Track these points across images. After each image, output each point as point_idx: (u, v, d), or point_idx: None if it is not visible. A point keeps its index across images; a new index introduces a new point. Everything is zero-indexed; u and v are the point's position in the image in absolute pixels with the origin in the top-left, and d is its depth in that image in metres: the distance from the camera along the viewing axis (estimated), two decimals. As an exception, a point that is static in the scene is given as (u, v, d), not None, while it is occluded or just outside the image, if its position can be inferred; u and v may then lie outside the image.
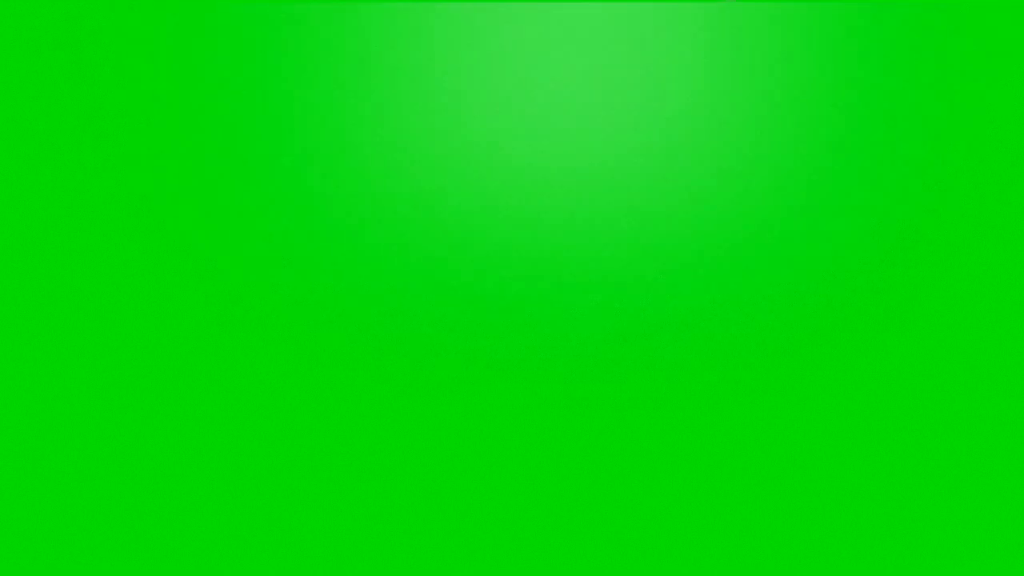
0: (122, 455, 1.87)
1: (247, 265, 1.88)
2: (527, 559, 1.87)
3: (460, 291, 1.88)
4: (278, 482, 1.87)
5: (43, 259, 1.88)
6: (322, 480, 1.87)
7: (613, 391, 1.87)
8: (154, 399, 1.87)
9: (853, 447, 1.86)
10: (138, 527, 1.87)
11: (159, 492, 1.87)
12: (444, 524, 1.87)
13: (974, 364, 1.87)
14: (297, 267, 1.88)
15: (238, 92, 1.89)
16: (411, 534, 1.87)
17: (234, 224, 1.88)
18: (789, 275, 1.87)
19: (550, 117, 1.89)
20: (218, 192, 1.88)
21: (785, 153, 1.88)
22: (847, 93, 1.88)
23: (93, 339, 1.87)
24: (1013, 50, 1.88)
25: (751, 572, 1.86)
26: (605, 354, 1.87)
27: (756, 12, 1.89)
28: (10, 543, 1.87)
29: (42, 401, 1.87)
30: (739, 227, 1.88)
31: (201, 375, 1.87)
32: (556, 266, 1.88)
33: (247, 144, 1.89)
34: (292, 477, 1.87)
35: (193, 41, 1.89)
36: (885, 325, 1.87)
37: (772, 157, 1.88)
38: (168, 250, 1.88)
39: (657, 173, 1.88)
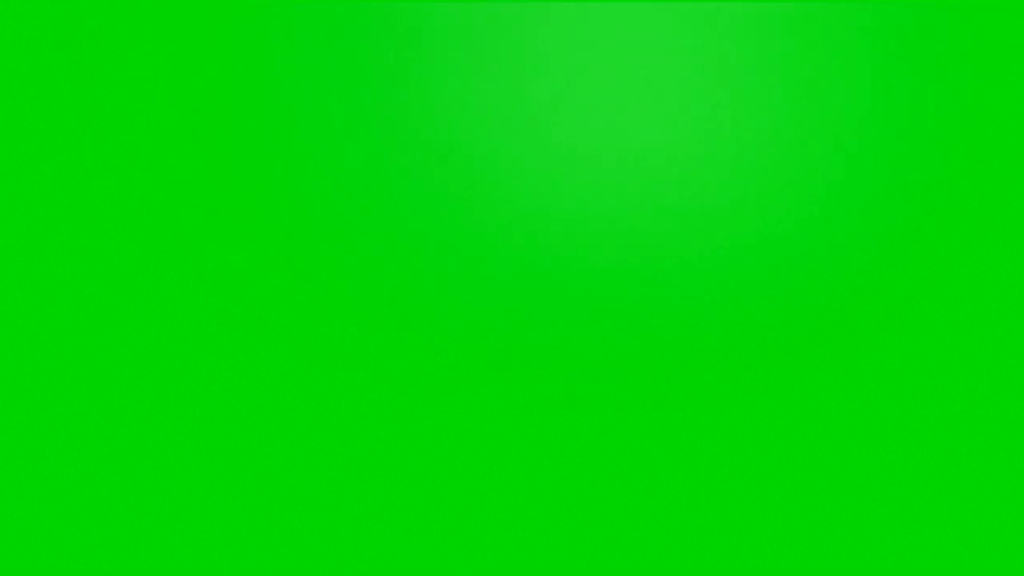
0: (122, 455, 1.87)
1: (246, 268, 1.88)
2: (528, 557, 1.87)
3: (461, 290, 1.88)
4: (281, 481, 1.87)
5: (46, 258, 1.88)
6: (324, 478, 1.87)
7: (615, 390, 1.87)
8: (169, 397, 1.88)
9: (853, 446, 1.87)
10: (138, 527, 1.87)
11: (159, 492, 1.87)
12: (444, 523, 1.87)
13: (973, 362, 1.87)
14: (295, 263, 1.88)
15: (248, 92, 1.89)
16: (411, 534, 1.87)
17: (236, 225, 1.88)
18: (792, 274, 1.88)
19: (551, 118, 1.89)
20: (232, 193, 1.89)
21: (789, 155, 1.88)
22: (853, 95, 1.89)
23: (127, 331, 1.88)
24: (1013, 51, 1.89)
25: (751, 572, 1.86)
26: (608, 353, 1.88)
27: (761, 14, 1.89)
28: (10, 543, 1.87)
29: (42, 401, 1.87)
30: (741, 227, 1.88)
31: (236, 368, 1.88)
32: (559, 266, 1.88)
33: (247, 142, 1.89)
34: (295, 474, 1.87)
35: (250, 41, 1.89)
36: (885, 325, 1.87)
37: (776, 159, 1.88)
38: (209, 248, 1.88)
39: (661, 174, 1.88)
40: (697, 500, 1.87)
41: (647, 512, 1.87)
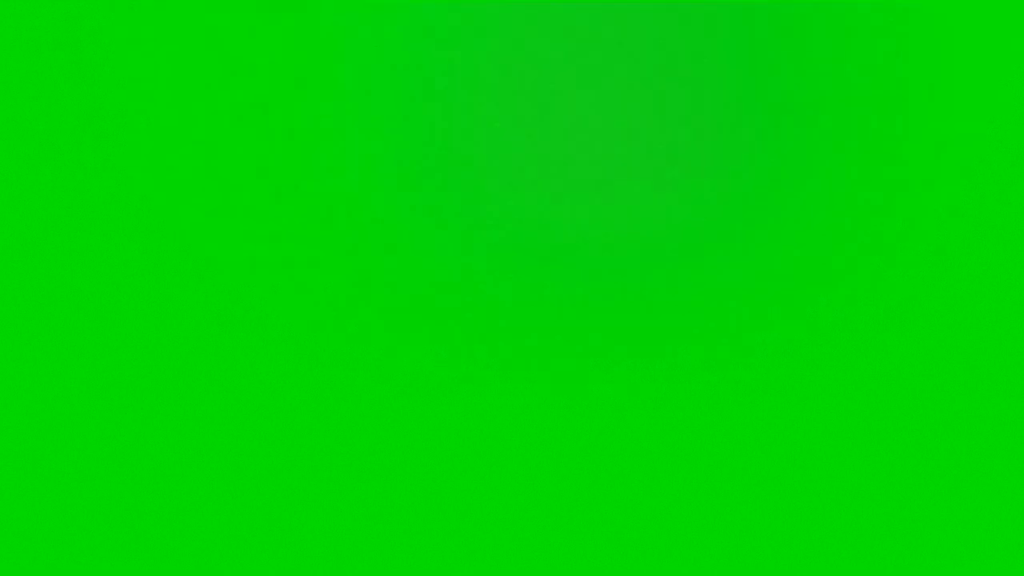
0: (122, 455, 1.87)
1: (250, 266, 1.89)
2: (528, 557, 1.87)
3: (458, 287, 1.88)
4: (280, 479, 1.87)
5: (48, 258, 1.89)
6: (323, 479, 1.87)
7: (611, 391, 1.87)
8: (169, 397, 1.88)
9: (850, 446, 1.86)
10: (138, 527, 1.87)
11: (159, 492, 1.87)
12: (444, 524, 1.87)
13: (955, 357, 1.87)
14: (293, 262, 1.89)
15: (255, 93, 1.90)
16: (411, 534, 1.87)
17: (238, 225, 1.89)
18: (783, 273, 1.88)
19: (548, 117, 1.89)
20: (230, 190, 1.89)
21: (779, 152, 1.88)
22: (839, 93, 1.89)
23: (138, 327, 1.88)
24: (995, 52, 1.89)
25: (751, 571, 1.86)
26: (603, 354, 1.88)
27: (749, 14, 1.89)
28: (10, 543, 1.87)
29: (42, 401, 1.87)
30: (734, 225, 1.88)
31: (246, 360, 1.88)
32: (554, 265, 1.89)
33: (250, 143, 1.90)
34: (295, 474, 1.87)
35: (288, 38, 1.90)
36: (880, 324, 1.87)
37: (766, 156, 1.88)
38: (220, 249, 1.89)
39: (649, 172, 1.89)
40: (695, 498, 1.86)
41: (645, 509, 1.87)
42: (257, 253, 1.88)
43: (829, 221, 1.88)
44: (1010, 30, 1.88)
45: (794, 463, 1.86)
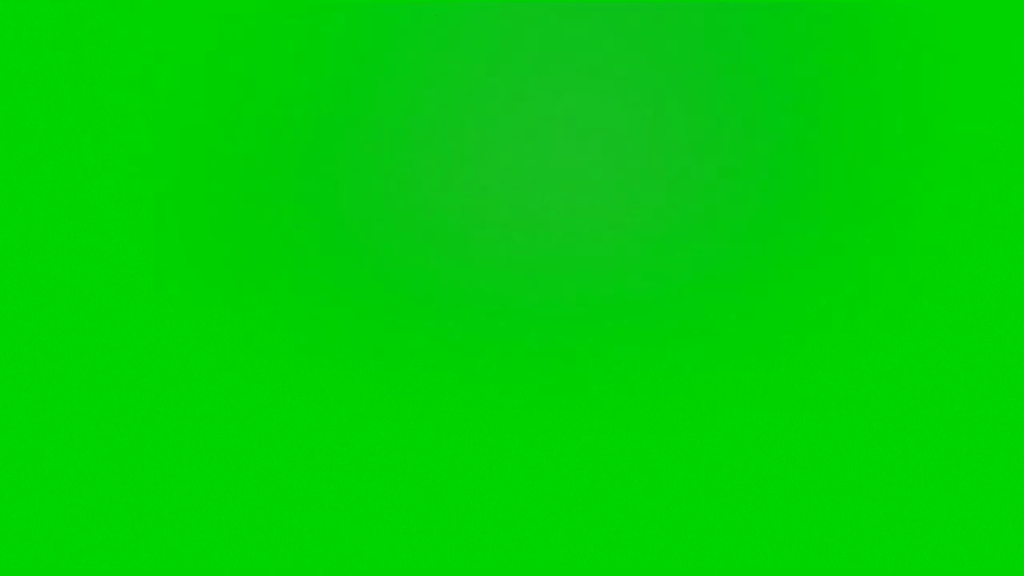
0: (122, 455, 1.87)
1: (245, 266, 1.89)
2: (528, 558, 1.87)
3: (459, 293, 1.88)
4: (281, 482, 1.88)
5: (51, 258, 1.89)
6: (323, 480, 1.88)
7: (611, 393, 1.88)
8: (169, 398, 1.88)
9: (847, 449, 1.87)
10: (138, 527, 1.87)
11: (159, 492, 1.87)
12: (443, 525, 1.87)
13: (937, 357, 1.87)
14: (297, 268, 1.89)
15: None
16: (409, 534, 1.87)
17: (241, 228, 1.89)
18: (782, 274, 1.88)
19: (547, 121, 1.89)
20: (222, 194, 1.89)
21: (779, 152, 1.89)
22: (837, 96, 1.89)
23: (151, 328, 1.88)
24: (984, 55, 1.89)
25: (751, 572, 1.86)
26: (604, 356, 1.88)
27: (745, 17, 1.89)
28: (10, 543, 1.87)
29: (42, 401, 1.87)
30: (733, 228, 1.88)
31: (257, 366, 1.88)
32: (554, 270, 1.89)
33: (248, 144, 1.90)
34: (294, 477, 1.88)
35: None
36: (880, 328, 1.88)
37: (765, 159, 1.89)
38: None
39: (647, 180, 1.89)
40: (694, 500, 1.87)
41: (643, 511, 1.87)
42: (255, 251, 1.89)
43: (828, 223, 1.88)
44: (1010, 30, 1.89)
45: (794, 466, 1.87)
